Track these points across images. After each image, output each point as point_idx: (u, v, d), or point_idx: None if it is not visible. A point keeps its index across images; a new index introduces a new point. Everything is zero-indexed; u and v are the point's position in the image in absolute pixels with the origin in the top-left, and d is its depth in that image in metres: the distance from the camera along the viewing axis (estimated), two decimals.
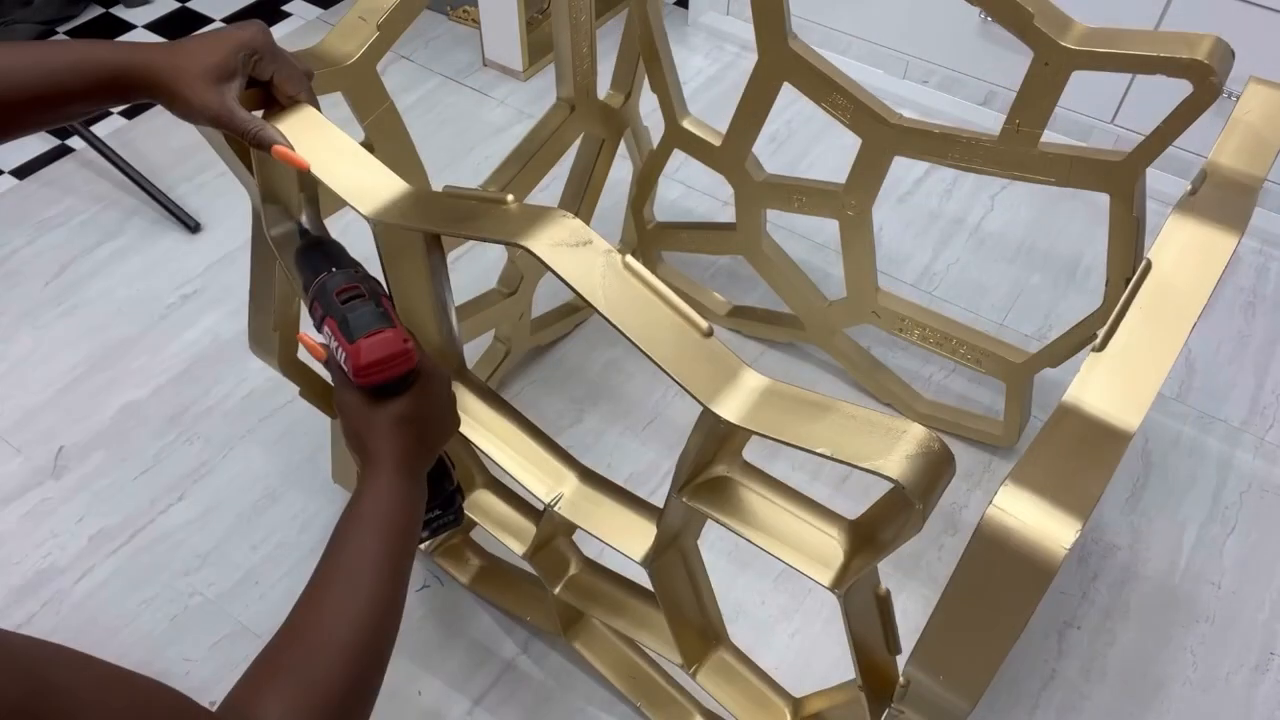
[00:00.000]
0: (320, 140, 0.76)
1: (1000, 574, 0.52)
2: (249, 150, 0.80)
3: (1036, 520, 0.51)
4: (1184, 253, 0.65)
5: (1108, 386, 0.57)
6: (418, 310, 0.84)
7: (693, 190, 1.74)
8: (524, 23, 1.86)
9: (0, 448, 1.36)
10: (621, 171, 1.47)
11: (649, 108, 1.39)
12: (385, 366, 0.72)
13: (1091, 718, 1.15)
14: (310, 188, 0.86)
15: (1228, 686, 1.17)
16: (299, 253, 0.82)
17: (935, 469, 0.56)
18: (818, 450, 0.58)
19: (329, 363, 0.78)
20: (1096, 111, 1.71)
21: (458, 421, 0.83)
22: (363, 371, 0.72)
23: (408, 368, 0.74)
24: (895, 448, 0.56)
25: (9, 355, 1.47)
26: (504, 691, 1.15)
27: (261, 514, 1.30)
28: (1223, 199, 0.70)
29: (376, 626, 0.65)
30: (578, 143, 1.30)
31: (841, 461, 0.57)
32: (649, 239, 1.49)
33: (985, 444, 1.39)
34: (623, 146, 1.37)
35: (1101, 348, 0.59)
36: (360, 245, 0.87)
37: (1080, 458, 0.53)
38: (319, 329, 0.78)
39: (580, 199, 1.34)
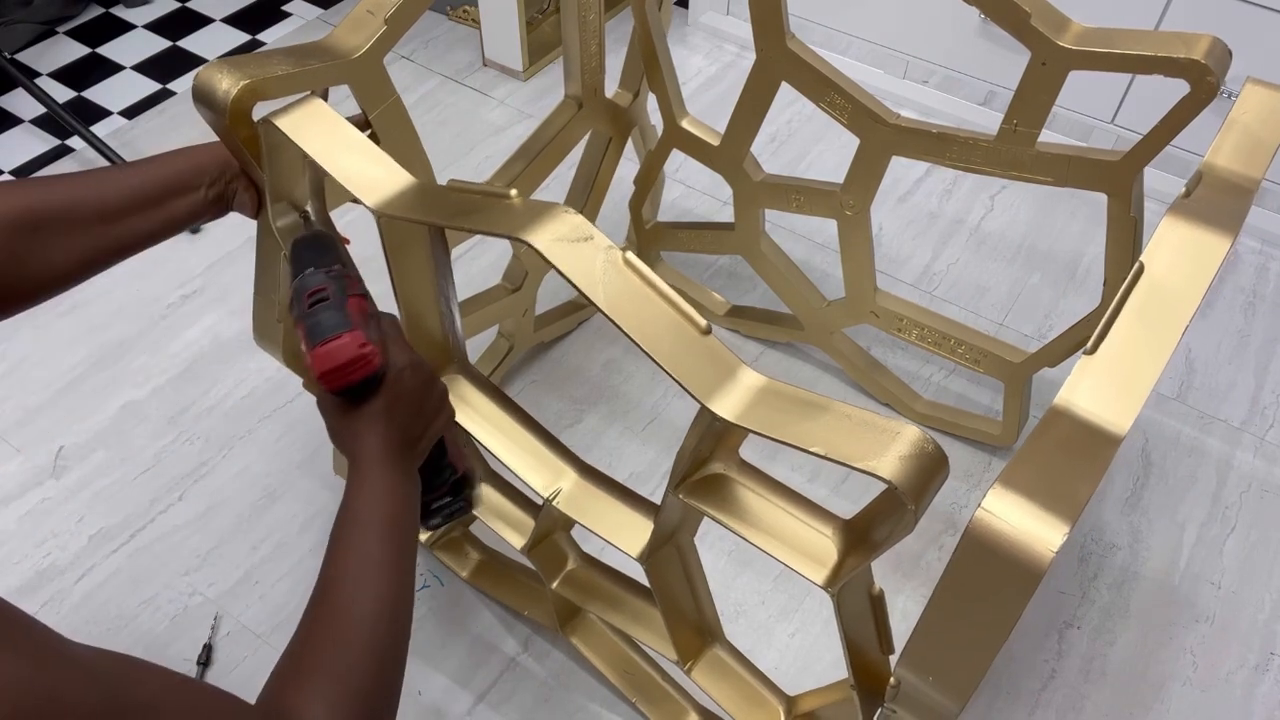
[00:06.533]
0: (327, 132, 0.76)
1: (988, 576, 0.52)
2: (257, 143, 0.81)
3: (1024, 523, 0.51)
4: (1177, 255, 0.64)
5: (1099, 389, 0.57)
6: (420, 303, 0.85)
7: (692, 190, 1.74)
8: (524, 23, 1.87)
9: (0, 448, 1.37)
10: (628, 170, 1.47)
11: (648, 107, 1.39)
12: (343, 373, 0.70)
13: (1091, 718, 1.15)
14: (316, 180, 0.86)
15: (1228, 686, 1.17)
16: (291, 250, 0.79)
17: (929, 470, 0.56)
18: (812, 449, 0.58)
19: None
20: (1097, 111, 1.71)
21: (447, 410, 0.81)
22: (322, 379, 0.70)
23: (367, 372, 0.71)
24: (889, 448, 0.56)
25: (9, 355, 1.48)
26: (505, 689, 1.16)
27: (261, 514, 1.30)
28: (1217, 201, 0.69)
29: (392, 620, 0.66)
30: (583, 141, 1.30)
31: (835, 461, 0.57)
32: (648, 238, 1.50)
33: (985, 444, 1.39)
34: (628, 146, 1.37)
35: (1093, 350, 0.58)
36: (365, 238, 0.87)
37: (1070, 460, 0.53)
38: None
39: (586, 197, 1.34)
